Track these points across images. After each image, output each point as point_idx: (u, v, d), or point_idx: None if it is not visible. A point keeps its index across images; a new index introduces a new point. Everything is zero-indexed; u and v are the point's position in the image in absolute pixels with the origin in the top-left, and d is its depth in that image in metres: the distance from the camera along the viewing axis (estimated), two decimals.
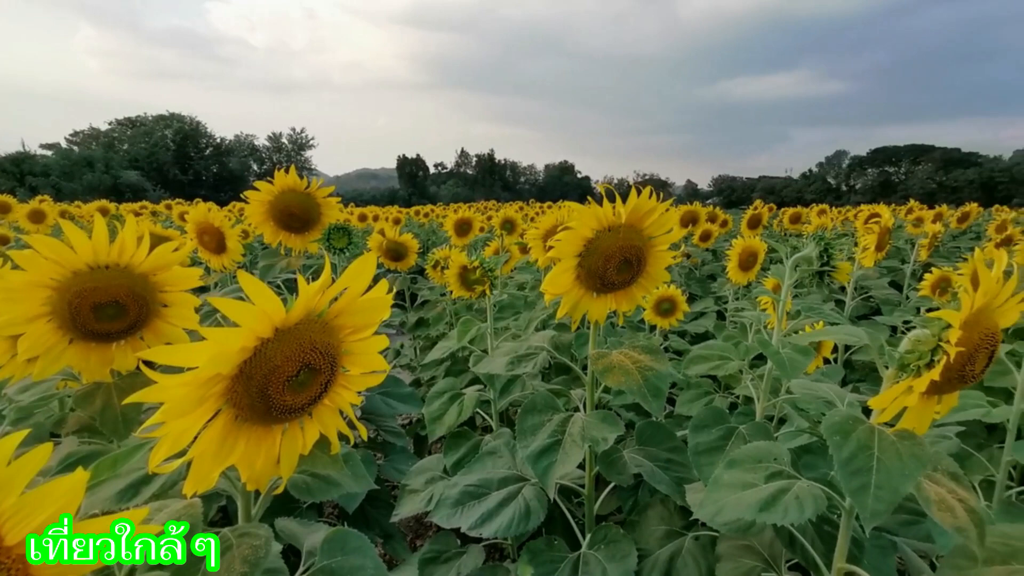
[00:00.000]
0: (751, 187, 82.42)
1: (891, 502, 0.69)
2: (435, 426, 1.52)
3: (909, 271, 4.06)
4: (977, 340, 0.67)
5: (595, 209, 1.02)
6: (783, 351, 1.08)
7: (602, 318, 1.14)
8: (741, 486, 0.85)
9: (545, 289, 1.07)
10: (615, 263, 1.04)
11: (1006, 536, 0.80)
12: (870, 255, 2.36)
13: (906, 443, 0.72)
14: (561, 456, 1.06)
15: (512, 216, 2.95)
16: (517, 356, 1.24)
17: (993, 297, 0.68)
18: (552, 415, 1.16)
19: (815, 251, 1.12)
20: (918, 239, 4.40)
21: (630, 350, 1.14)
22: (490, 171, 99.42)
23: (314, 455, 0.64)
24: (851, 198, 67.64)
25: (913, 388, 0.68)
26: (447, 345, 1.69)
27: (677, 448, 1.21)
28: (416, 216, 13.72)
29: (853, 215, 7.34)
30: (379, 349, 0.66)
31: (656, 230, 1.07)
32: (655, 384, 1.05)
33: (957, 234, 8.18)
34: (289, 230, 1.89)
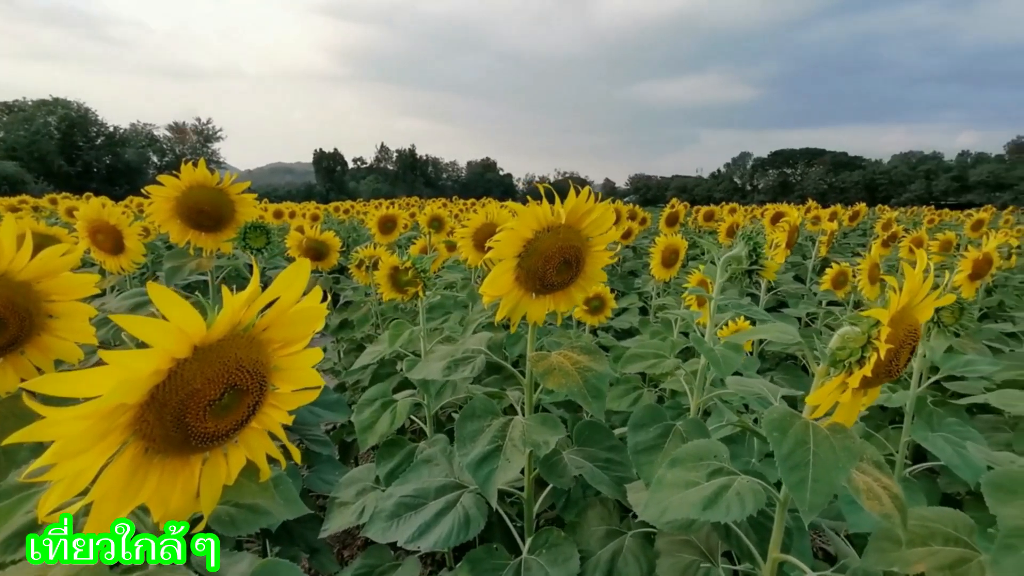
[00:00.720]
0: (665, 186, 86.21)
1: (827, 494, 0.71)
2: (366, 435, 1.45)
3: (811, 266, 4.36)
4: (902, 336, 0.71)
5: (535, 209, 1.00)
6: (716, 348, 1.10)
7: (541, 319, 1.12)
8: (684, 485, 0.86)
9: (484, 291, 1.04)
10: (555, 264, 1.02)
11: (924, 519, 0.86)
12: (781, 252, 2.50)
13: (838, 436, 0.75)
14: (502, 463, 1.03)
15: (440, 214, 2.89)
16: (454, 360, 1.20)
17: (916, 295, 0.72)
18: (491, 420, 1.13)
19: (745, 250, 1.16)
20: (817, 236, 4.75)
21: (569, 351, 1.13)
22: (412, 167, 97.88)
23: (240, 484, 0.58)
24: (755, 197, 72.34)
25: (848, 384, 0.71)
26: (377, 349, 1.62)
27: (615, 447, 1.22)
28: (336, 213, 13.25)
29: (760, 213, 7.82)
30: (313, 363, 0.60)
31: (594, 230, 1.06)
32: (595, 385, 1.05)
33: (848, 231, 8.92)
34: (200, 229, 1.74)
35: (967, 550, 0.82)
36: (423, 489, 1.23)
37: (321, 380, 0.61)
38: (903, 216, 12.76)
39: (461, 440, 1.08)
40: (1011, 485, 0.73)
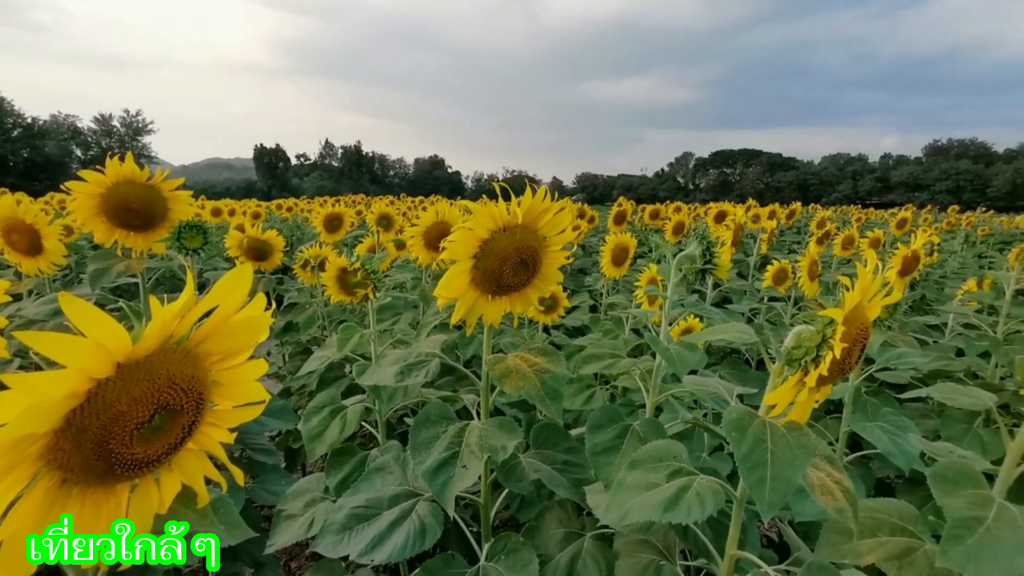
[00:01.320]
0: (612, 184, 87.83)
1: (786, 492, 0.72)
2: (315, 444, 1.38)
3: (752, 263, 4.52)
4: (855, 334, 0.72)
5: (491, 209, 0.97)
6: (672, 347, 1.11)
7: (497, 321, 1.10)
8: (645, 487, 0.85)
9: (439, 293, 1.01)
10: (511, 264, 1.00)
11: (872, 510, 0.88)
12: (727, 250, 2.57)
13: (794, 434, 0.76)
14: (459, 470, 1.00)
15: (388, 212, 2.81)
16: (407, 365, 1.16)
17: (867, 294, 0.73)
18: (446, 426, 1.10)
19: (698, 250, 1.17)
20: (757, 234, 4.92)
21: (526, 353, 1.11)
22: (357, 163, 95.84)
23: (175, 511, 0.52)
24: (697, 196, 74.72)
25: (805, 383, 0.72)
26: (325, 354, 1.55)
27: (573, 449, 1.21)
28: (278, 210, 12.80)
29: (703, 212, 8.06)
30: (257, 376, 0.55)
31: (550, 230, 1.04)
32: (552, 387, 1.03)
33: (785, 229, 9.33)
34: (128, 228, 1.62)
35: (913, 539, 0.84)
36: (376, 499, 1.19)
37: (266, 394, 0.57)
38: (834, 215, 13.45)
39: (416, 447, 1.04)
40: (955, 477, 0.76)
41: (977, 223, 11.29)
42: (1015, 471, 0.80)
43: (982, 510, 0.73)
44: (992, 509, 0.73)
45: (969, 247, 7.62)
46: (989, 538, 0.70)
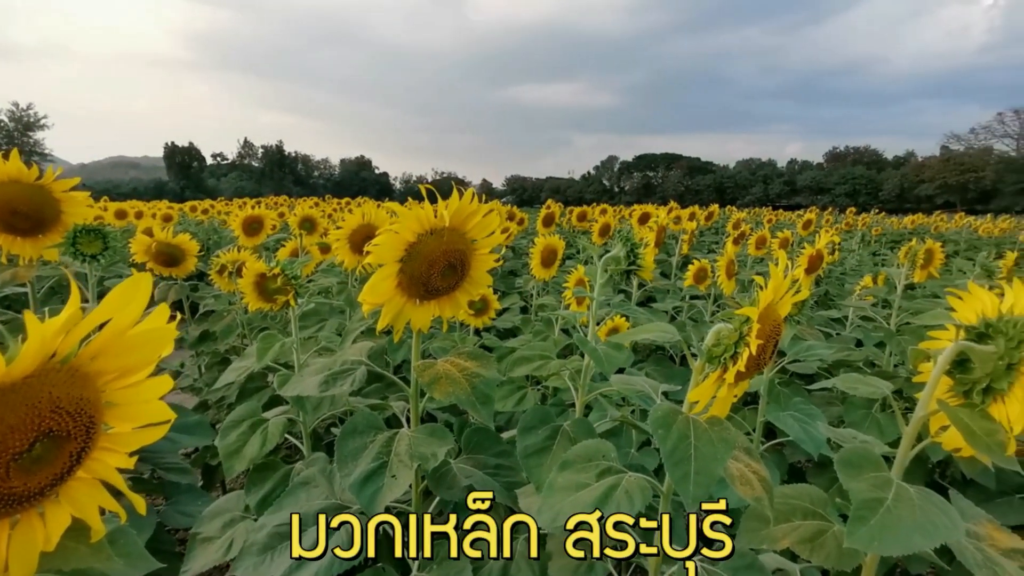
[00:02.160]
0: (540, 187, 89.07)
1: (708, 485, 0.75)
2: (233, 461, 1.30)
3: (674, 262, 4.70)
4: (768, 331, 0.76)
5: (417, 211, 0.95)
6: (600, 347, 1.13)
7: (425, 326, 1.08)
8: (575, 487, 0.86)
9: (364, 299, 0.97)
10: (439, 268, 0.98)
11: (786, 496, 0.93)
12: (651, 251, 2.65)
13: (716, 429, 0.79)
14: (388, 481, 0.97)
15: (311, 214, 2.71)
16: (332, 374, 1.11)
17: (779, 293, 0.77)
18: (375, 435, 1.06)
19: (623, 251, 1.20)
20: (679, 235, 5.13)
21: (456, 357, 1.10)
22: (279, 164, 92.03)
23: (65, 547, 0.47)
24: (622, 198, 77.14)
25: (725, 380, 0.75)
26: (244, 365, 1.47)
27: (505, 452, 1.21)
28: (193, 213, 12.07)
29: (628, 214, 8.32)
30: (160, 394, 0.51)
31: (479, 233, 1.04)
32: (483, 391, 1.02)
33: (704, 230, 9.78)
34: (13, 232, 1.47)
35: (823, 522, 0.90)
36: (302, 515, 1.13)
37: (171, 413, 0.52)
38: (748, 216, 14.25)
39: (342, 459, 1.00)
40: (859, 461, 0.81)
41: (871, 224, 12.32)
42: (909, 453, 0.87)
43: (883, 491, 0.78)
44: (891, 490, 0.79)
45: (865, 246, 8.30)
46: (889, 518, 0.75)
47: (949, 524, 0.74)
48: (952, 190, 58.89)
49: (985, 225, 12.27)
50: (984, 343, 0.80)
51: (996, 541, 0.84)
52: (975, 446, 0.74)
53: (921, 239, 2.96)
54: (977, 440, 0.74)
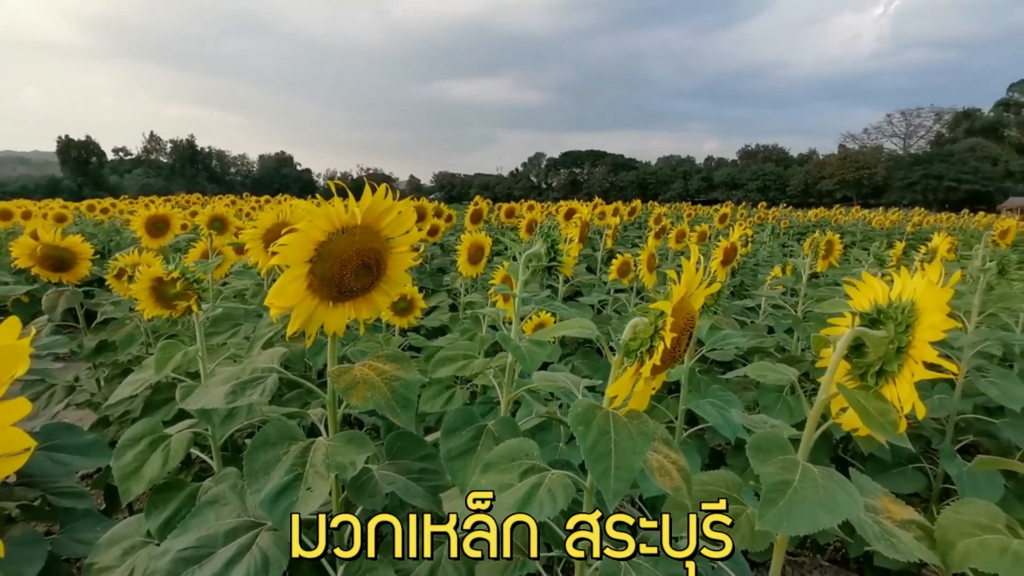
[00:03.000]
0: (469, 183, 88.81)
1: (629, 480, 0.75)
2: (130, 483, 1.20)
3: (600, 257, 4.81)
4: (682, 324, 0.77)
5: (327, 209, 0.90)
6: (523, 344, 1.12)
7: (341, 329, 1.03)
8: (499, 488, 0.84)
9: (271, 302, 0.91)
10: (352, 268, 0.94)
11: (704, 483, 0.96)
12: (575, 246, 2.69)
13: (635, 422, 0.80)
14: (303, 494, 0.92)
15: (222, 213, 2.55)
16: (240, 383, 1.04)
17: (692, 286, 0.79)
18: (289, 446, 1.00)
19: (544, 248, 1.20)
20: (604, 230, 5.25)
21: (375, 361, 1.05)
22: (191, 160, 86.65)
23: None
24: (550, 194, 78.28)
25: (642, 374, 0.75)
26: (142, 377, 1.35)
27: (430, 455, 1.17)
28: (91, 212, 11.14)
29: (555, 210, 8.44)
30: (14, 420, 0.44)
31: (394, 230, 1.00)
32: (403, 395, 0.99)
33: (628, 225, 10.07)
34: None
35: (738, 505, 0.93)
36: (209, 536, 1.05)
37: (29, 440, 0.46)
38: (669, 211, 14.83)
39: (252, 474, 0.94)
40: (768, 446, 0.85)
41: (780, 217, 13.13)
42: (814, 435, 0.91)
43: (790, 473, 0.82)
44: (798, 472, 0.82)
45: (775, 238, 8.83)
46: (796, 498, 0.78)
47: (850, 501, 0.79)
48: (849, 185, 63.87)
49: (878, 218, 13.38)
50: (877, 328, 0.85)
51: (892, 513, 0.90)
52: (870, 426, 0.79)
53: (823, 231, 3.17)
54: (872, 420, 0.79)
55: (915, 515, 0.90)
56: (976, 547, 0.81)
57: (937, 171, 58.72)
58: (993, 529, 0.84)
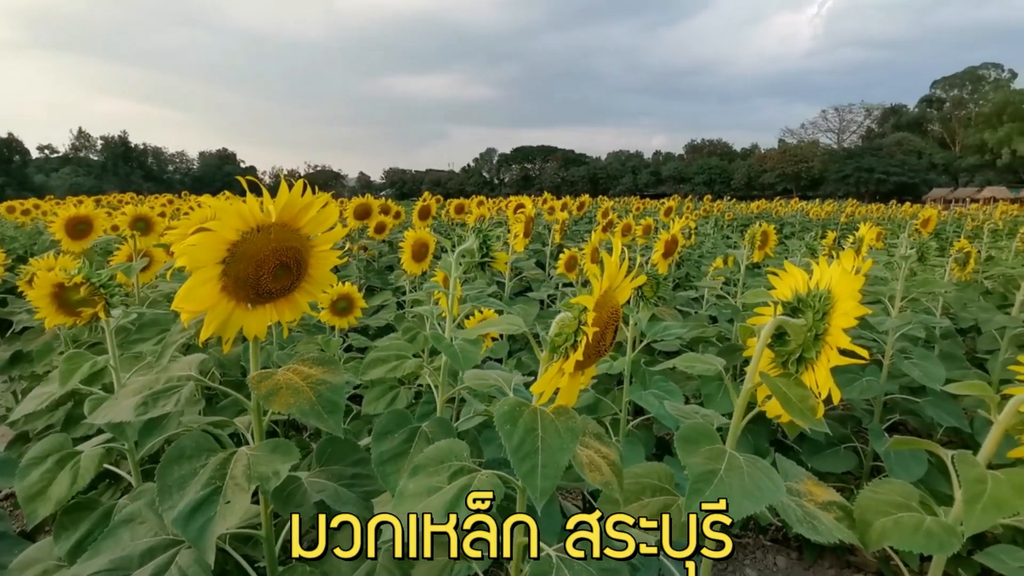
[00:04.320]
0: (420, 179, 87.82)
1: (556, 477, 0.74)
2: (36, 504, 1.11)
3: (549, 252, 4.83)
4: (606, 318, 0.77)
5: (238, 206, 0.85)
6: (456, 343, 1.10)
7: (262, 333, 0.98)
8: (427, 492, 0.82)
9: (180, 306, 0.86)
10: (269, 268, 0.89)
11: (636, 476, 0.96)
12: (520, 241, 2.69)
13: (563, 419, 0.79)
14: (222, 509, 0.87)
15: (145, 213, 2.41)
16: (152, 393, 0.98)
17: (615, 280, 0.78)
18: (207, 458, 0.95)
19: (475, 243, 1.18)
20: (552, 225, 5.28)
21: (300, 364, 1.01)
22: (124, 157, 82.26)
23: None
24: (502, 190, 78.34)
25: (564, 370, 0.74)
26: (47, 391, 1.26)
27: (363, 460, 1.13)
28: (11, 214, 10.40)
29: (504, 205, 8.43)
30: None
31: (315, 228, 0.96)
32: (330, 399, 0.95)
33: (578, 219, 10.17)
34: None
35: (669, 497, 0.94)
36: (124, 557, 0.99)
37: None
38: (618, 205, 15.06)
39: (165, 491, 0.88)
40: (695, 437, 0.85)
41: (724, 210, 13.54)
42: (741, 423, 0.93)
43: (717, 463, 0.83)
44: (724, 461, 0.83)
45: (719, 230, 9.09)
46: (722, 487, 0.79)
47: (773, 487, 0.80)
48: (789, 178, 66.53)
49: (815, 209, 13.97)
50: (797, 317, 0.87)
51: (814, 496, 0.93)
52: (791, 412, 0.80)
53: (765, 223, 3.27)
54: (792, 406, 0.81)
55: (836, 496, 0.92)
56: (892, 525, 0.84)
57: (868, 164, 61.87)
58: (908, 507, 0.87)
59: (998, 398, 0.83)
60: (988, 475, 0.78)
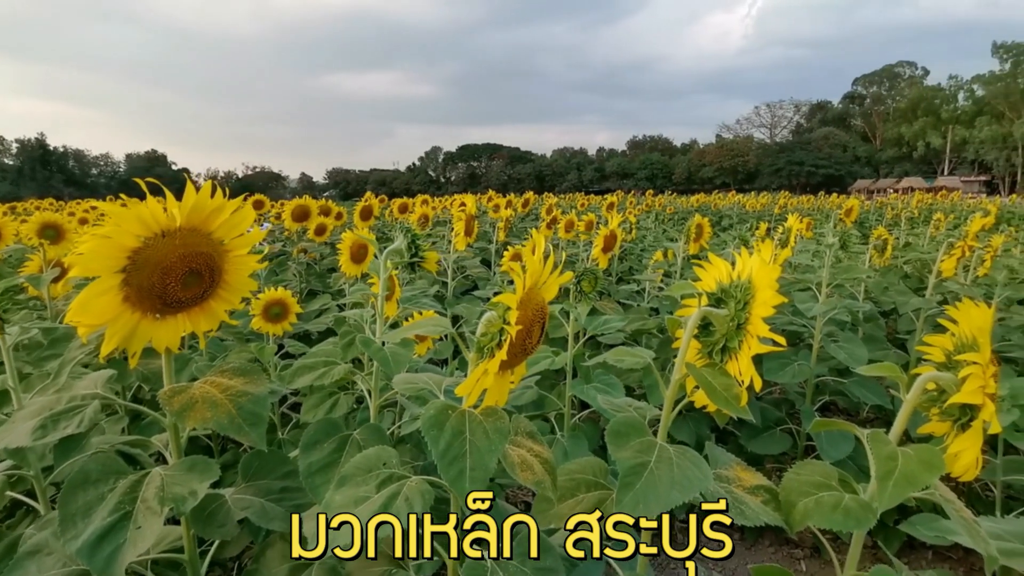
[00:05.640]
0: (365, 179, 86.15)
1: (484, 479, 0.73)
2: None
3: (494, 249, 4.82)
4: (531, 316, 0.76)
5: (138, 210, 0.80)
6: (388, 347, 1.07)
7: (174, 344, 0.92)
8: (354, 503, 0.79)
9: (75, 320, 0.80)
10: (177, 276, 0.84)
11: (571, 472, 0.96)
12: (461, 239, 2.66)
13: (491, 420, 0.78)
14: (132, 534, 0.81)
15: (54, 220, 2.25)
16: (53, 415, 0.90)
17: (539, 277, 0.77)
18: (116, 481, 0.89)
19: (404, 243, 1.15)
20: (497, 223, 5.27)
21: (218, 376, 0.96)
22: (43, 161, 76.96)
23: None
24: (449, 188, 77.80)
25: (488, 370, 0.73)
26: None
27: (292, 473, 1.09)
28: None
29: (450, 203, 8.37)
30: None
31: (229, 232, 0.91)
32: (252, 411, 0.90)
33: (524, 216, 10.22)
34: None
35: (604, 491, 0.94)
36: None
37: None
38: (563, 201, 15.22)
39: (68, 519, 0.81)
40: (625, 430, 0.86)
41: (666, 204, 13.90)
42: (672, 414, 0.94)
43: (647, 455, 0.83)
44: (655, 453, 0.84)
45: (660, 224, 9.32)
46: (652, 479, 0.80)
47: (701, 476, 0.81)
48: (727, 172, 69.03)
49: (751, 201, 14.55)
50: (721, 307, 0.88)
51: (742, 481, 0.95)
52: (716, 401, 0.82)
53: (703, 216, 3.36)
54: (717, 395, 0.82)
55: (763, 480, 0.95)
56: (813, 505, 0.86)
57: (798, 158, 64.98)
58: (828, 487, 0.90)
59: (907, 378, 0.87)
60: (899, 452, 0.82)
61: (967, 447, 0.79)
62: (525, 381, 1.95)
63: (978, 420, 0.77)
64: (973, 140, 57.43)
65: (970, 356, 0.77)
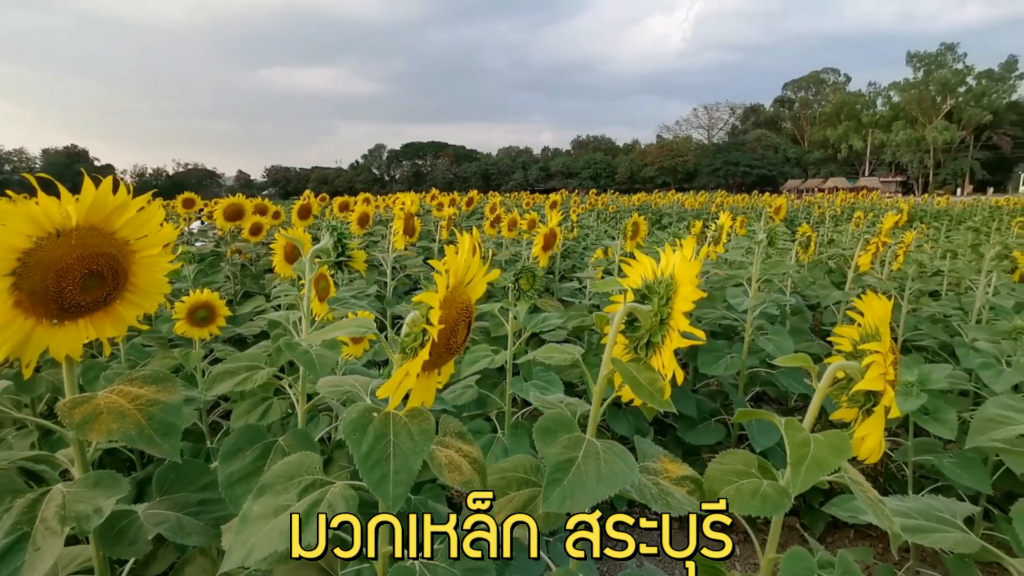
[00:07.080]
0: (306, 177, 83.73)
1: (408, 482, 0.71)
2: None
3: (436, 248, 4.77)
4: (455, 315, 0.75)
5: (28, 208, 0.74)
6: (313, 349, 1.03)
7: (75, 352, 0.86)
8: (273, 513, 0.76)
9: None
10: (75, 279, 0.78)
11: (502, 471, 0.96)
12: (400, 238, 2.62)
13: (415, 421, 0.76)
14: (31, 557, 0.75)
15: None
16: None
17: (463, 275, 0.76)
18: (12, 501, 0.82)
19: (331, 242, 1.11)
20: (440, 221, 5.23)
21: (127, 385, 0.90)
22: None
23: None
24: (393, 187, 76.66)
25: (410, 372, 0.72)
26: None
27: (212, 484, 1.03)
28: None
29: (392, 202, 8.24)
30: None
31: (136, 231, 0.85)
32: (164, 420, 0.85)
33: (468, 215, 10.18)
34: None
35: (535, 488, 0.94)
36: None
37: None
38: (508, 200, 15.27)
39: None
40: (553, 427, 0.86)
41: (609, 203, 14.18)
42: (600, 409, 0.95)
43: (574, 451, 0.84)
44: (582, 449, 0.85)
45: (602, 223, 9.50)
46: (579, 474, 0.80)
47: (627, 469, 0.82)
48: (667, 172, 71.10)
49: (689, 200, 15.03)
50: (646, 303, 0.90)
51: (669, 472, 0.97)
52: (640, 395, 0.83)
53: (643, 214, 3.44)
54: (642, 390, 0.83)
55: (689, 471, 0.98)
56: (734, 493, 0.89)
57: (734, 158, 67.70)
58: (748, 474, 0.94)
59: (816, 368, 0.92)
60: (811, 438, 0.86)
61: (871, 431, 0.84)
62: (465, 380, 1.94)
63: (880, 405, 0.82)
64: (890, 143, 61.53)
65: (873, 345, 0.81)
